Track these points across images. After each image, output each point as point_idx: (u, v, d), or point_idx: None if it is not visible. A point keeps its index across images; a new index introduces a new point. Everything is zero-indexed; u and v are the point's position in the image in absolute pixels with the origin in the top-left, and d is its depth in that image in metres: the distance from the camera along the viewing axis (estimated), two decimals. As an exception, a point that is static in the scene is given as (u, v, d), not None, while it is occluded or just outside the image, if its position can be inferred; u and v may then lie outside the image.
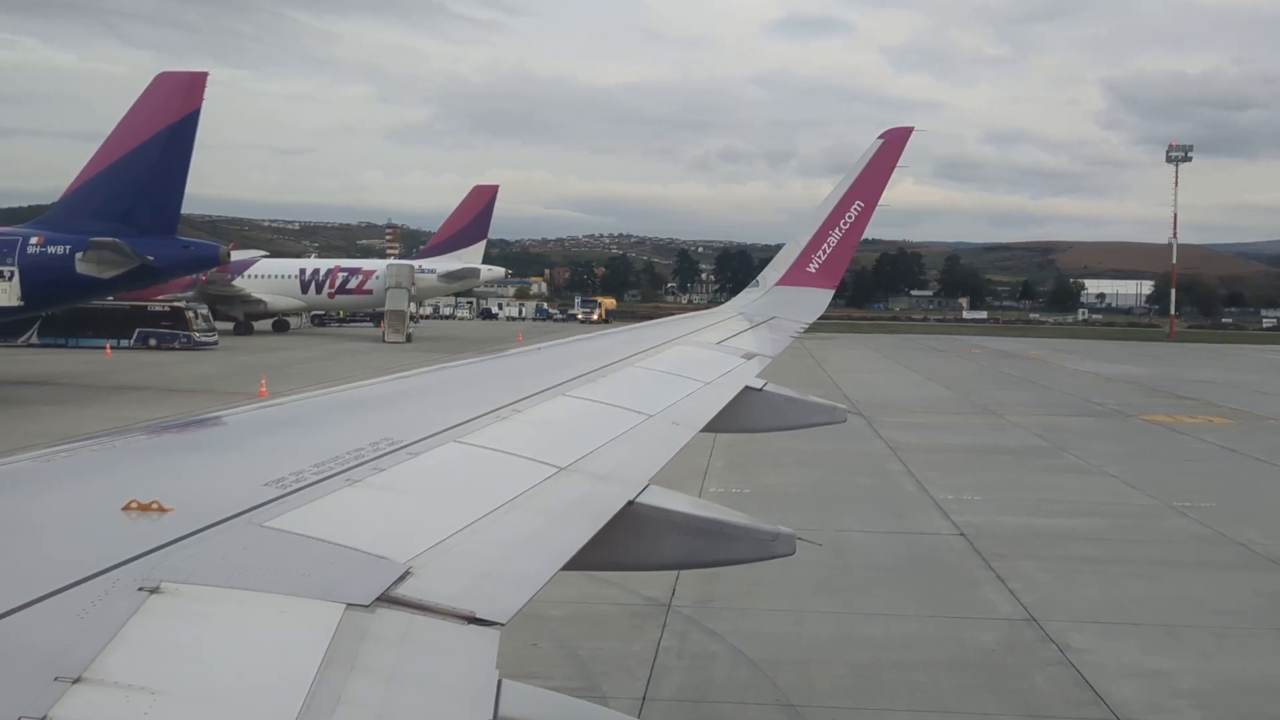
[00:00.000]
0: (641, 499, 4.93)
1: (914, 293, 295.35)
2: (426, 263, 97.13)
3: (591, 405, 6.90)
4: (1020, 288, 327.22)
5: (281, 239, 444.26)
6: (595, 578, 17.45)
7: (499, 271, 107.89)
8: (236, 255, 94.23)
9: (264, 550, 3.22)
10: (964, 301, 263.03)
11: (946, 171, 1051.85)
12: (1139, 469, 31.53)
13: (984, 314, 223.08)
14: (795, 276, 17.81)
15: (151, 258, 45.85)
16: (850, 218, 17.59)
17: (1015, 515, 25.01)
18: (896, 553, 21.53)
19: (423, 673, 2.76)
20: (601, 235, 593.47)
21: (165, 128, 45.84)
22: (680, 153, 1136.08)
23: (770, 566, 16.34)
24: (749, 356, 11.52)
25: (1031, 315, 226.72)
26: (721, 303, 21.11)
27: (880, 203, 17.96)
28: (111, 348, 69.21)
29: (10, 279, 44.23)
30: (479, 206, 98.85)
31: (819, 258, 17.69)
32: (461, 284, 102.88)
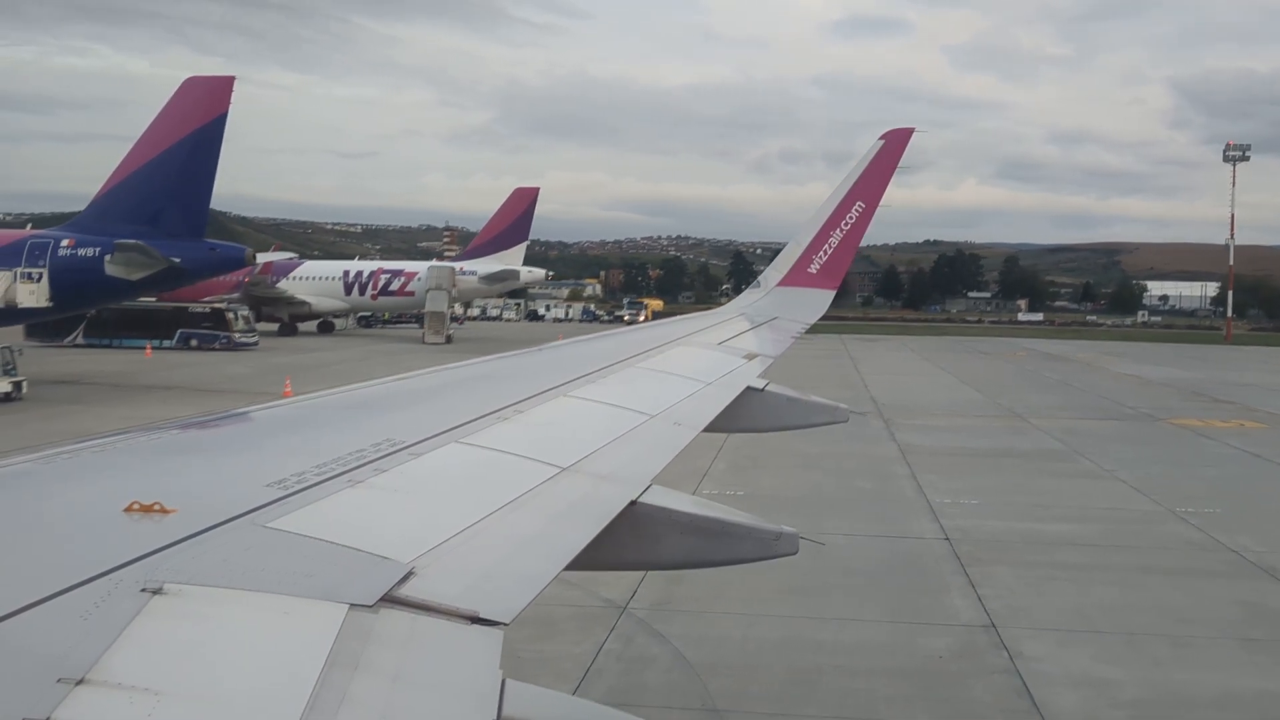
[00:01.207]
0: (644, 499, 4.92)
1: (971, 294, 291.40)
2: (468, 264, 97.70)
3: (593, 406, 6.91)
4: (1081, 289, 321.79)
5: (345, 242, 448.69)
6: (558, 579, 17.38)
7: (539, 273, 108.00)
8: (271, 257, 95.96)
9: (267, 551, 3.22)
10: (1022, 303, 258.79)
11: (1009, 172, 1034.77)
12: (1151, 474, 30.81)
13: (1040, 316, 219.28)
14: (796, 277, 17.69)
15: (178, 259, 46.59)
16: (851, 218, 17.44)
17: (1007, 520, 24.54)
18: (874, 557, 21.21)
19: (426, 673, 2.77)
20: (659, 237, 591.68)
21: (193, 131, 46.58)
22: (739, 154, 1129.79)
23: (739, 569, 16.15)
24: (750, 357, 11.45)
25: (1089, 318, 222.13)
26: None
27: (883, 202, 17.82)
28: (153, 348, 70.45)
29: (39, 280, 45.19)
30: (520, 209, 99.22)
31: (820, 258, 17.56)
32: (502, 285, 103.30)
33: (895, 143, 17.80)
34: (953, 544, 21.98)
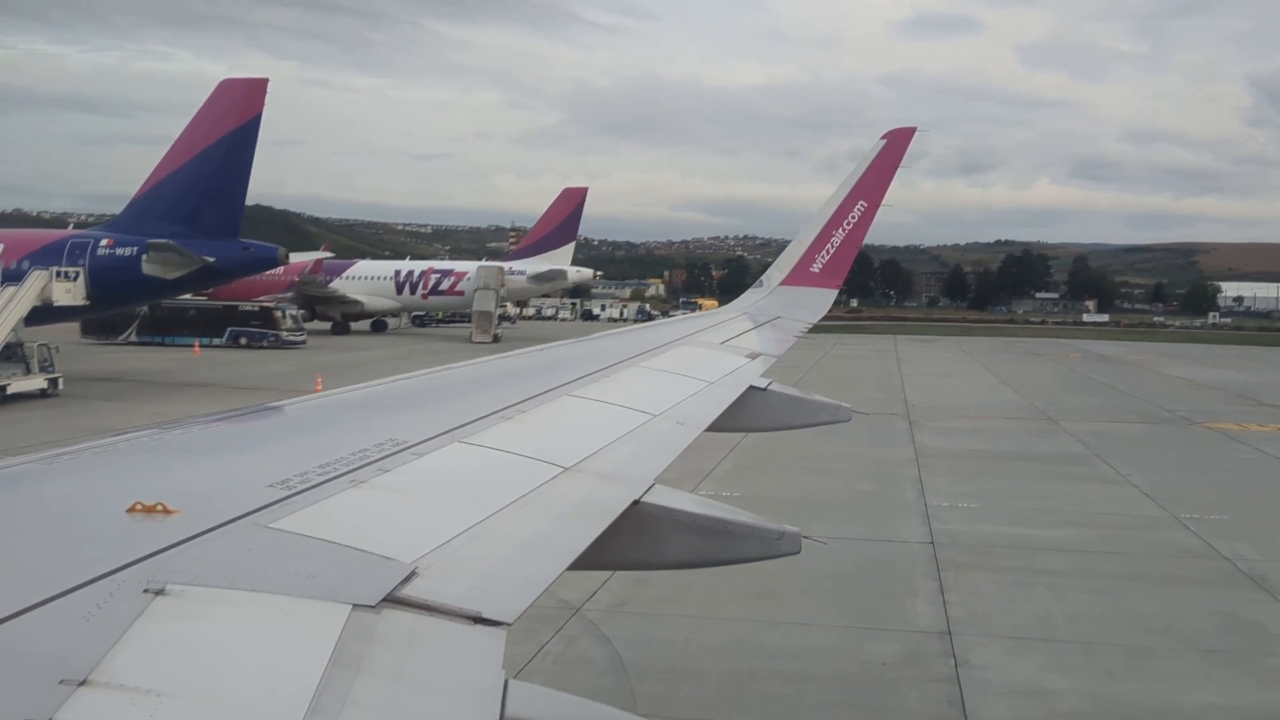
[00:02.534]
0: (647, 498, 4.91)
1: (1039, 295, 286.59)
2: (516, 264, 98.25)
3: (596, 405, 6.89)
4: (1153, 290, 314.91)
5: (415, 242, 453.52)
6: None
7: (587, 272, 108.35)
8: (316, 256, 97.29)
9: (269, 551, 3.23)
10: (1091, 304, 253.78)
11: (1083, 171, 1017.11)
12: (1167, 479, 30.02)
13: (1106, 317, 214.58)
14: (799, 276, 17.67)
15: (212, 258, 47.37)
16: (854, 218, 17.40)
17: (1000, 525, 24.05)
18: (852, 561, 20.80)
19: (429, 673, 2.77)
20: (726, 237, 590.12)
21: (228, 133, 47.34)
22: (807, 154, 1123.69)
23: (710, 572, 15.89)
24: (753, 356, 11.39)
25: (1156, 319, 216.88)
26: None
27: (885, 202, 17.69)
28: (202, 346, 71.78)
29: (75, 279, 46.21)
30: (568, 209, 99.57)
31: (822, 258, 17.54)
32: (550, 285, 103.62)
33: (897, 142, 17.68)
34: (936, 548, 21.60)
